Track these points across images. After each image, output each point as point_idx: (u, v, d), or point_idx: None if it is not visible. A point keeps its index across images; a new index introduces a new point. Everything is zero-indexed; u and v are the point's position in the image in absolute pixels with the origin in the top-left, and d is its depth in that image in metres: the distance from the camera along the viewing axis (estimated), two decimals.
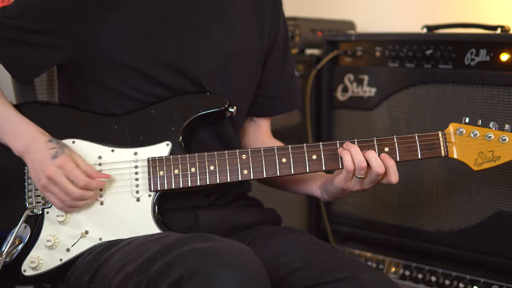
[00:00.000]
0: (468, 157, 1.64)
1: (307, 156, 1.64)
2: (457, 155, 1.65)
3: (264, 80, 1.88)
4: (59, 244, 1.64)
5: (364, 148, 1.62)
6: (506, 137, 1.62)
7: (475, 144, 1.64)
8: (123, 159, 1.66)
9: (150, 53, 1.68)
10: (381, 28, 2.84)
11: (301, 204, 2.64)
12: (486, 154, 1.63)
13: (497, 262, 2.14)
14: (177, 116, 1.68)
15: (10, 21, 1.65)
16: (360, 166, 1.60)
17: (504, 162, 1.63)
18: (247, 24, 1.80)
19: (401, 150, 1.63)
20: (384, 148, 1.63)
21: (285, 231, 1.76)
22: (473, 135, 1.64)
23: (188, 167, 1.64)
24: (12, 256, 1.63)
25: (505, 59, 2.09)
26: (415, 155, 1.64)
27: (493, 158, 1.63)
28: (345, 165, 1.61)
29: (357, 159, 1.60)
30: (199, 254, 1.36)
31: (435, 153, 1.64)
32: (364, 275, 1.52)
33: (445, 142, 1.64)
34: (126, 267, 1.49)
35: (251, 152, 1.64)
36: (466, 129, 1.64)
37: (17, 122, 1.63)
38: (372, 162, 1.60)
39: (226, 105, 1.70)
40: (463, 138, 1.64)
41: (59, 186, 1.58)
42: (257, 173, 1.64)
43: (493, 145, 1.63)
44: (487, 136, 1.63)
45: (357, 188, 1.65)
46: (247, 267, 1.35)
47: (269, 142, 1.94)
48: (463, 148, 1.64)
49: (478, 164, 1.64)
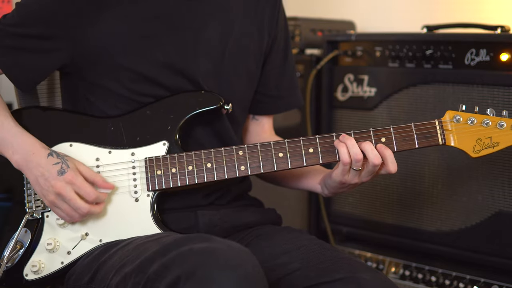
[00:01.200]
0: (466, 144, 1.62)
1: (303, 150, 1.64)
2: (454, 142, 1.63)
3: (264, 79, 1.88)
4: (60, 247, 1.64)
5: (361, 140, 1.61)
6: (503, 123, 1.60)
7: (473, 131, 1.62)
8: (120, 160, 1.66)
9: (150, 55, 1.68)
10: (381, 28, 2.84)
11: (301, 204, 2.64)
12: (484, 140, 1.61)
13: (497, 262, 2.14)
14: (173, 115, 1.68)
15: (11, 28, 1.65)
16: (356, 158, 1.59)
17: (502, 147, 1.61)
18: (246, 23, 1.80)
19: (397, 140, 1.63)
20: (381, 138, 1.62)
21: (285, 231, 1.76)
22: (470, 122, 1.62)
23: (185, 166, 1.64)
24: (14, 261, 1.63)
25: (505, 59, 2.09)
26: (412, 144, 1.63)
27: (491, 145, 1.61)
28: (341, 158, 1.60)
29: (353, 151, 1.59)
30: (196, 255, 1.36)
31: (432, 142, 1.63)
32: (363, 275, 1.52)
33: (442, 130, 1.63)
34: (124, 268, 1.50)
35: (247, 148, 1.64)
36: (463, 116, 1.62)
37: (15, 134, 1.62)
38: (368, 154, 1.59)
39: (222, 103, 1.70)
40: (460, 126, 1.62)
41: (68, 201, 1.58)
42: (254, 168, 1.64)
43: (491, 131, 1.61)
44: (484, 122, 1.61)
45: (355, 181, 1.64)
46: (244, 268, 1.35)
47: (272, 139, 1.94)
48: (460, 136, 1.62)
49: (477, 151, 1.62)
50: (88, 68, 1.68)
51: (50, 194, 1.58)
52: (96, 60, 1.67)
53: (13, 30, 1.65)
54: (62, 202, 1.58)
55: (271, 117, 1.97)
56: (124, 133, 1.67)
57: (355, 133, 1.62)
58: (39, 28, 1.64)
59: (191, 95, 1.70)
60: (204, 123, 1.74)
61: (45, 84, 1.87)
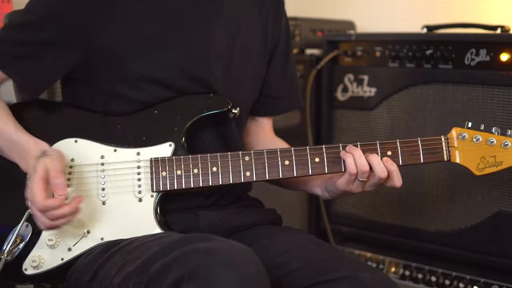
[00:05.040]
0: (470, 162, 1.64)
1: (309, 159, 1.64)
2: (459, 159, 1.65)
3: (267, 80, 1.88)
4: (61, 244, 1.63)
5: (367, 152, 1.62)
6: (508, 143, 1.62)
7: (477, 149, 1.64)
8: (125, 159, 1.66)
9: (158, 58, 1.67)
10: (381, 28, 2.84)
11: (302, 204, 2.64)
12: (488, 159, 1.63)
13: (497, 262, 2.14)
14: (180, 117, 1.67)
15: (19, 34, 1.64)
16: (363, 170, 1.60)
17: (506, 167, 1.63)
18: (252, 24, 1.80)
19: (403, 154, 1.64)
20: (387, 152, 1.63)
21: (284, 231, 1.76)
22: (475, 140, 1.64)
23: (191, 168, 1.64)
24: (14, 254, 1.62)
25: (505, 59, 2.09)
26: (417, 159, 1.64)
27: (495, 163, 1.63)
28: (348, 168, 1.61)
29: (360, 162, 1.60)
30: (199, 254, 1.36)
31: (438, 158, 1.65)
32: (362, 274, 1.52)
33: (447, 147, 1.65)
34: (126, 267, 1.49)
35: (254, 154, 1.64)
36: (468, 134, 1.64)
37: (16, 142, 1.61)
38: (375, 167, 1.60)
39: (230, 106, 1.70)
40: (466, 143, 1.64)
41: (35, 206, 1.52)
42: (260, 175, 1.64)
43: (495, 150, 1.63)
44: (489, 141, 1.63)
45: (359, 190, 1.66)
46: (247, 268, 1.35)
47: (271, 140, 1.94)
48: (465, 153, 1.64)
49: (480, 169, 1.64)
50: (98, 72, 1.67)
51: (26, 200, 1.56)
52: (104, 64, 1.66)
53: (20, 36, 1.63)
54: (33, 207, 1.53)
55: (271, 118, 1.97)
56: (131, 132, 1.67)
57: (361, 145, 1.63)
58: (47, 33, 1.63)
59: (200, 97, 1.69)
60: (210, 126, 1.73)
61: None
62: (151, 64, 1.67)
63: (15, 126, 1.63)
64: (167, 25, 1.68)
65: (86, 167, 1.65)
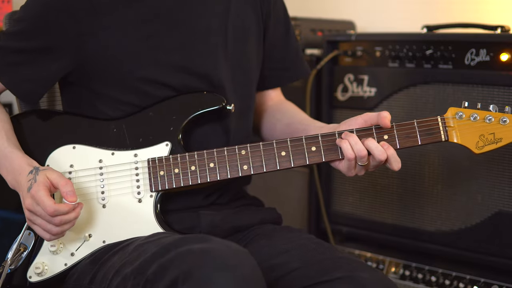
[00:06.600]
0: (469, 140, 1.62)
1: (306, 148, 1.64)
2: (457, 139, 1.63)
3: (269, 53, 1.87)
4: (63, 249, 1.64)
5: (363, 137, 1.61)
6: (506, 119, 1.61)
7: (475, 127, 1.62)
8: (123, 161, 1.67)
9: (154, 57, 1.68)
10: (381, 28, 2.84)
11: (301, 204, 2.64)
12: (487, 136, 1.61)
13: (497, 262, 2.14)
14: (175, 116, 1.68)
15: (11, 43, 1.66)
16: (361, 155, 1.59)
17: (506, 143, 1.61)
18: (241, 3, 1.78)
19: (400, 137, 1.63)
20: (383, 135, 1.62)
21: (284, 231, 1.76)
22: (472, 119, 1.62)
23: (188, 166, 1.64)
24: (17, 263, 1.63)
25: (505, 59, 2.09)
26: (414, 141, 1.63)
27: (494, 140, 1.61)
28: (345, 154, 1.60)
29: (356, 148, 1.59)
30: (194, 256, 1.36)
31: (435, 138, 1.63)
32: (362, 274, 1.52)
33: (444, 127, 1.63)
34: (124, 269, 1.50)
35: (250, 147, 1.65)
36: (465, 113, 1.62)
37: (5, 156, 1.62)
38: (373, 151, 1.59)
39: (224, 103, 1.70)
40: (463, 122, 1.62)
41: (39, 215, 1.54)
42: (257, 168, 1.64)
43: (493, 127, 1.61)
44: (487, 118, 1.61)
45: (362, 173, 1.64)
46: (242, 269, 1.35)
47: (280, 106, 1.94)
48: (463, 132, 1.62)
49: (480, 147, 1.62)
50: (95, 76, 1.68)
51: (26, 212, 1.57)
52: (104, 68, 1.67)
53: (12, 45, 1.66)
54: (36, 217, 1.55)
55: (278, 88, 1.97)
56: (127, 135, 1.68)
57: (357, 131, 1.62)
58: (38, 41, 1.64)
59: (194, 96, 1.70)
60: (206, 122, 1.74)
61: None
62: (146, 62, 1.67)
63: (8, 141, 1.65)
64: (157, 23, 1.69)
65: (85, 172, 1.66)
